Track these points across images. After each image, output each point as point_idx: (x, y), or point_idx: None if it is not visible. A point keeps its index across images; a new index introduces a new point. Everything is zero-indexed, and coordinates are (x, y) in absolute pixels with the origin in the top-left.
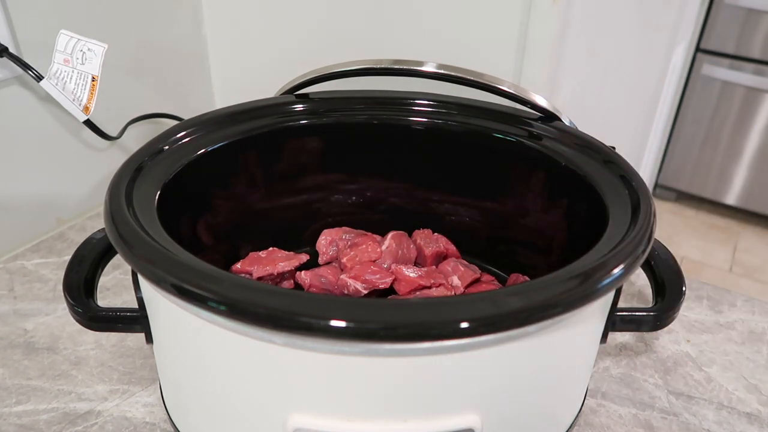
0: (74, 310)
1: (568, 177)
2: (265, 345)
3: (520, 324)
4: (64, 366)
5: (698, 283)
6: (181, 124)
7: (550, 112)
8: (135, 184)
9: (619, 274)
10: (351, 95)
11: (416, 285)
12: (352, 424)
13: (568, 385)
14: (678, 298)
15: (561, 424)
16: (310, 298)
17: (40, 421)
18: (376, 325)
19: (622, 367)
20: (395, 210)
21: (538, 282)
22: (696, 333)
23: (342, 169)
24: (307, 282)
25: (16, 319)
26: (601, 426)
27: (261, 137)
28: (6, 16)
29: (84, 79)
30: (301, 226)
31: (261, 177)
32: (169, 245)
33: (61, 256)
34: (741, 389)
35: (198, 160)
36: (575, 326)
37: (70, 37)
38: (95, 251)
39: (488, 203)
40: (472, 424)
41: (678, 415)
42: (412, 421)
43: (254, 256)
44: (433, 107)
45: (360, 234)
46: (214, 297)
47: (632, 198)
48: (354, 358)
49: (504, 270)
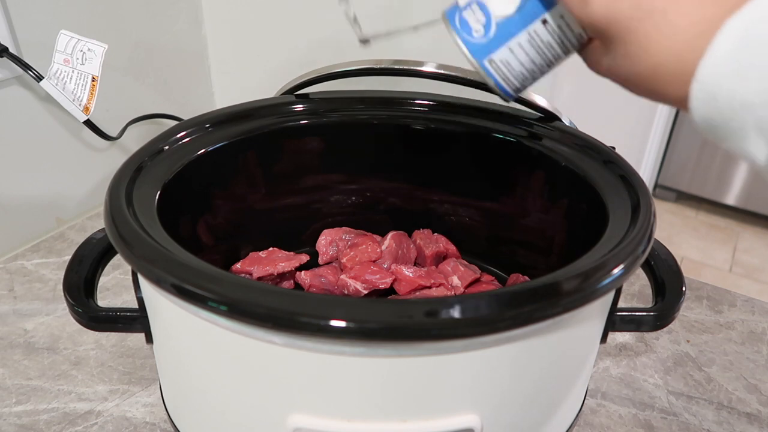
0: (74, 310)
1: (568, 177)
2: (265, 345)
3: (520, 324)
4: (64, 366)
5: (698, 283)
6: (181, 124)
7: (550, 112)
8: (135, 184)
9: (619, 274)
10: (351, 95)
11: (416, 285)
12: (352, 424)
13: (568, 385)
14: (678, 298)
15: (561, 424)
16: (310, 298)
17: (40, 421)
18: (376, 325)
19: (622, 367)
20: (395, 210)
21: (538, 282)
22: (696, 333)
23: (342, 169)
24: (307, 282)
25: (16, 319)
26: (601, 426)
27: (261, 137)
28: (6, 16)
29: (84, 79)
30: (301, 226)
31: (261, 177)
32: (169, 245)
33: (61, 256)
34: (741, 389)
35: (198, 160)
36: (575, 326)
37: (70, 37)
38: (95, 251)
39: (488, 203)
40: (472, 424)
41: (678, 415)
42: (412, 421)
43: (254, 256)
44: (433, 107)
45: (360, 234)
46: (214, 297)
47: (632, 198)
48: (354, 358)
49: (504, 270)
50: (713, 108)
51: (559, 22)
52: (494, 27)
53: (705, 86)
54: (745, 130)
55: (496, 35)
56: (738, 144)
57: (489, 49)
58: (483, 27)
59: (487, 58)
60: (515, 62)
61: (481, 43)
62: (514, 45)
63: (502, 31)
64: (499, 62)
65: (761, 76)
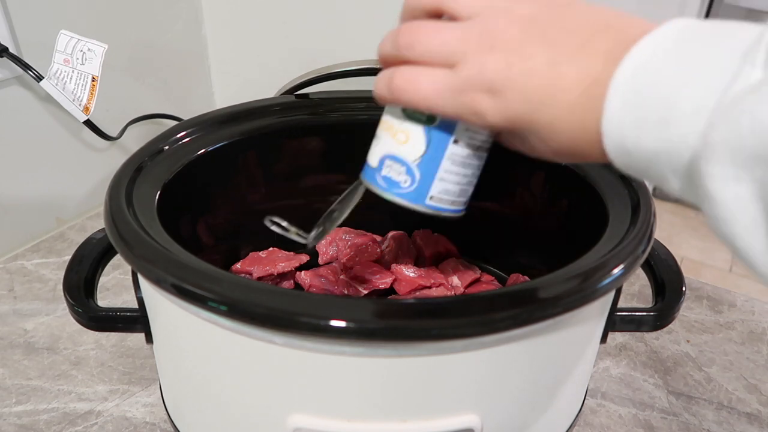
0: (74, 310)
1: (568, 177)
2: (265, 345)
3: (520, 324)
4: (64, 366)
5: (698, 283)
6: (181, 124)
7: None
8: (135, 184)
9: (619, 274)
10: (351, 95)
11: (416, 285)
12: (352, 424)
13: (567, 385)
14: (678, 298)
15: (561, 424)
16: (310, 298)
17: (40, 421)
18: (376, 325)
19: (622, 367)
20: (395, 210)
21: (538, 282)
22: (696, 333)
23: (342, 169)
24: (307, 282)
25: (16, 319)
26: (601, 426)
27: (261, 137)
28: (6, 16)
29: (84, 79)
30: (302, 227)
31: (261, 177)
32: (169, 245)
33: (61, 256)
34: (741, 389)
35: (198, 160)
36: (575, 326)
37: (70, 37)
38: (95, 251)
39: (488, 203)
40: (472, 424)
41: (678, 415)
42: (412, 421)
43: (254, 256)
44: None
45: (360, 234)
46: (214, 297)
47: (632, 198)
48: (354, 358)
49: (504, 270)
50: (629, 159)
51: (468, 134)
52: (417, 171)
53: (614, 141)
54: (663, 173)
55: (423, 176)
56: (661, 184)
57: (424, 190)
58: (408, 176)
59: (427, 198)
60: (451, 185)
61: (414, 189)
62: (443, 174)
63: (426, 170)
64: (439, 194)
65: (656, 124)
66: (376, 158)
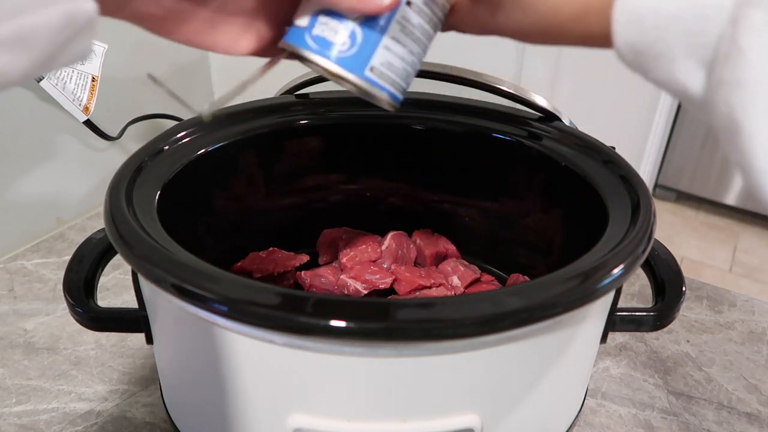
0: (74, 310)
1: (568, 177)
2: (265, 345)
3: (520, 324)
4: (64, 366)
5: (698, 283)
6: (181, 124)
7: (550, 112)
8: (135, 184)
9: (619, 274)
10: (351, 95)
11: (416, 285)
12: (352, 424)
13: (568, 384)
14: (678, 298)
15: (561, 424)
16: (310, 298)
17: (40, 421)
18: (376, 325)
19: (622, 367)
20: (395, 210)
21: (538, 282)
22: (696, 333)
23: (342, 169)
24: (307, 282)
25: (16, 319)
26: (601, 426)
27: (261, 137)
28: None
29: (84, 79)
30: (301, 226)
31: (261, 177)
32: (169, 245)
33: (61, 256)
34: (741, 389)
35: (198, 160)
36: (575, 326)
37: None
38: (95, 251)
39: (488, 203)
40: (472, 424)
41: (678, 415)
42: (412, 421)
43: (254, 256)
44: (433, 107)
45: (360, 234)
46: (214, 297)
47: (632, 198)
48: (354, 358)
49: (504, 270)
50: (637, 29)
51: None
52: (359, 31)
53: (627, 6)
54: (673, 52)
55: (365, 39)
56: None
57: (364, 57)
58: (347, 37)
59: (366, 68)
60: (396, 59)
61: (353, 55)
62: (389, 41)
63: (371, 32)
64: (381, 66)
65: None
66: (306, 16)
